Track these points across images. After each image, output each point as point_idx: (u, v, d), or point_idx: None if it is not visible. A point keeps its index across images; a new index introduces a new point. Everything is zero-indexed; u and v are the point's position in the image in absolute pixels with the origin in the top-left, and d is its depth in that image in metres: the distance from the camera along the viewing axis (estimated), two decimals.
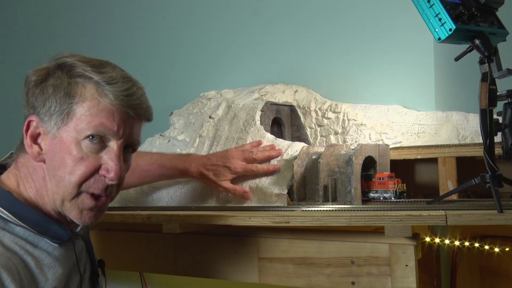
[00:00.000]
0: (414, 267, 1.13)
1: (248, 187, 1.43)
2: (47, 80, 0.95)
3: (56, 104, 0.93)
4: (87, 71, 0.94)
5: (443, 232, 1.35)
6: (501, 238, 1.38)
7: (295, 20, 1.85)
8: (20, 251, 0.92)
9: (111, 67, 0.97)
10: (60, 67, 0.96)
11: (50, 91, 0.94)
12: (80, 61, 0.96)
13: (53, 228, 0.97)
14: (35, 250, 0.94)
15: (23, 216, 0.94)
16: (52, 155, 0.94)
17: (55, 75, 0.95)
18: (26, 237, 0.94)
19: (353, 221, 1.11)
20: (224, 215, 1.24)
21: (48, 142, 0.95)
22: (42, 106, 0.94)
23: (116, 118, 0.94)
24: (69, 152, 0.93)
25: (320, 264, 1.24)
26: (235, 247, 1.34)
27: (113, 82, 0.94)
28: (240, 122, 1.57)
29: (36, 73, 0.96)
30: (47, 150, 0.95)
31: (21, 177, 0.99)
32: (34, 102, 0.95)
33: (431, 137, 1.50)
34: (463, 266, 1.46)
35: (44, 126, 0.94)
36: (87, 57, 0.98)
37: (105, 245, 1.55)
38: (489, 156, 1.09)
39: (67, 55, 0.97)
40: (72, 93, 0.93)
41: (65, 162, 0.94)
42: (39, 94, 0.95)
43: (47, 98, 0.94)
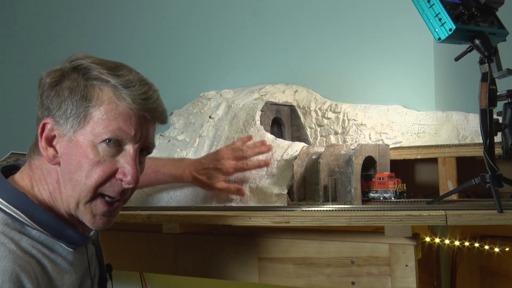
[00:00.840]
0: (414, 267, 1.13)
1: (248, 187, 1.43)
2: (62, 82, 0.94)
3: (73, 107, 0.92)
4: (103, 74, 0.93)
5: (443, 232, 1.35)
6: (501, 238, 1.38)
7: (295, 20, 1.85)
8: (37, 255, 0.91)
9: (127, 70, 0.96)
10: (76, 70, 0.94)
11: (66, 93, 0.93)
12: (96, 63, 0.95)
13: (68, 233, 0.96)
14: (51, 254, 0.94)
15: (39, 219, 0.93)
16: (68, 158, 0.94)
17: (70, 77, 0.94)
18: (42, 241, 0.93)
19: (353, 221, 1.12)
20: (224, 215, 1.24)
21: (64, 145, 0.94)
22: (57, 108, 0.93)
23: (133, 122, 0.94)
24: (86, 156, 0.93)
25: (320, 264, 1.24)
26: (235, 247, 1.34)
27: (130, 85, 0.93)
28: (240, 122, 1.57)
29: (50, 75, 0.95)
30: (62, 153, 0.94)
31: (35, 179, 0.98)
32: (49, 105, 0.94)
33: (431, 137, 1.50)
34: (463, 266, 1.46)
35: (60, 129, 0.93)
36: (102, 59, 0.97)
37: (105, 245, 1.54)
38: (489, 156, 1.09)
39: (81, 57, 0.96)
40: (89, 96, 0.92)
41: (82, 166, 0.93)
42: (54, 96, 0.93)
43: (62, 100, 0.93)
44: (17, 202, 0.93)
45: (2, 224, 0.90)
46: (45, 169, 0.97)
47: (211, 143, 1.59)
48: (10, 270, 0.85)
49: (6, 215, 0.91)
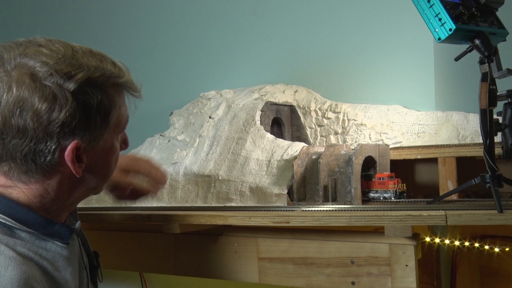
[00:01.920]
0: (414, 267, 1.13)
1: (248, 187, 1.43)
2: (71, 103, 0.87)
3: (96, 121, 0.91)
4: (110, 77, 0.92)
5: (443, 232, 1.35)
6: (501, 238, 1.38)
7: (295, 20, 1.85)
8: (35, 257, 0.89)
9: (105, 61, 0.94)
10: (85, 85, 0.89)
11: (90, 111, 0.89)
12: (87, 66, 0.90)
13: (56, 228, 0.95)
14: (47, 253, 0.92)
15: (25, 220, 0.91)
16: (96, 162, 0.95)
17: (86, 93, 0.89)
18: (34, 242, 0.91)
19: (353, 221, 1.12)
20: (224, 215, 1.24)
21: (90, 154, 0.93)
22: (81, 128, 0.89)
23: (126, 106, 0.99)
24: (113, 152, 0.98)
25: (320, 264, 1.24)
26: (235, 247, 1.34)
27: (125, 80, 0.95)
28: (240, 122, 1.57)
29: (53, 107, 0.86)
30: (89, 161, 0.93)
31: (11, 186, 0.92)
32: (73, 130, 0.88)
33: (431, 137, 1.50)
34: (463, 266, 1.46)
35: (85, 144, 0.91)
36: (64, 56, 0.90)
37: (105, 245, 1.55)
38: (489, 156, 1.09)
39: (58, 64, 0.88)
40: (110, 106, 0.93)
41: (110, 162, 0.99)
42: (76, 120, 0.88)
43: (87, 119, 0.89)
44: None
45: None
46: (36, 186, 0.92)
47: (211, 143, 1.59)
48: (17, 278, 0.82)
49: None
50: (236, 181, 1.46)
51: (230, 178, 1.47)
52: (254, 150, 1.49)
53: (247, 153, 1.50)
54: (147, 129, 1.85)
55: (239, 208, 1.37)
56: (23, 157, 0.88)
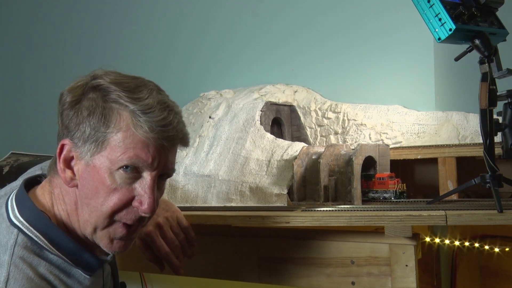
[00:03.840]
0: (414, 267, 1.13)
1: (248, 187, 1.43)
2: (81, 101, 0.91)
3: (91, 130, 0.89)
4: (121, 97, 0.89)
5: (443, 232, 1.35)
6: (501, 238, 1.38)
7: (295, 20, 1.85)
8: (54, 281, 0.90)
9: (147, 91, 0.92)
10: (95, 89, 0.91)
11: (85, 114, 0.90)
12: (115, 83, 0.91)
13: (85, 257, 0.95)
14: (68, 279, 0.93)
15: (57, 243, 0.92)
16: (85, 182, 0.91)
17: (89, 97, 0.91)
18: (59, 265, 0.92)
19: (353, 221, 1.11)
20: (224, 215, 1.24)
21: (81, 168, 0.91)
22: (76, 130, 0.90)
23: (151, 150, 0.90)
24: (103, 182, 0.90)
25: (320, 264, 1.24)
26: (235, 247, 1.34)
27: (149, 111, 0.89)
28: (240, 122, 1.57)
29: (71, 93, 0.92)
30: (80, 176, 0.92)
31: (55, 197, 0.96)
32: (68, 124, 0.91)
33: (431, 137, 1.50)
34: (463, 266, 1.46)
35: (78, 151, 0.91)
36: (123, 76, 0.94)
37: None
38: (489, 156, 1.09)
39: (101, 74, 0.92)
40: (107, 120, 0.89)
41: (98, 192, 0.90)
42: (73, 116, 0.91)
43: (81, 122, 0.90)
44: (37, 223, 0.91)
45: (22, 248, 0.89)
46: (64, 189, 0.95)
47: (211, 143, 1.59)
48: None
49: (26, 237, 0.90)
50: (236, 181, 1.46)
51: (230, 178, 1.47)
52: (254, 150, 1.49)
53: (247, 153, 1.50)
54: None
55: (239, 208, 1.37)
56: None
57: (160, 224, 1.15)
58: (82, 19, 2.39)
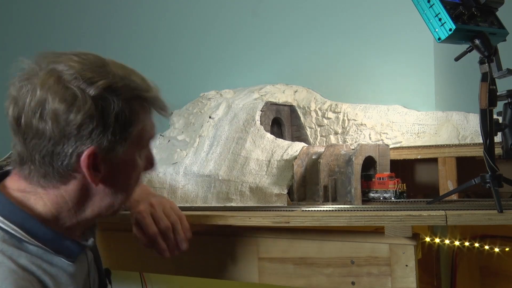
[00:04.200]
0: (414, 267, 1.13)
1: (248, 187, 1.43)
2: (93, 109, 0.89)
3: (117, 131, 0.91)
4: (134, 90, 0.93)
5: (443, 232, 1.35)
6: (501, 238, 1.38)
7: (295, 20, 1.85)
8: (37, 271, 0.90)
9: (134, 74, 0.96)
10: (107, 91, 0.90)
11: (110, 120, 0.90)
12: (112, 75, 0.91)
13: (66, 244, 0.95)
14: (51, 268, 0.92)
15: (36, 233, 0.92)
16: (117, 175, 0.95)
17: (106, 101, 0.90)
18: (41, 255, 0.92)
19: (353, 221, 1.12)
20: (224, 215, 1.24)
21: (108, 164, 0.93)
22: (100, 135, 0.90)
23: (154, 123, 1.00)
24: (134, 167, 0.98)
25: (320, 264, 1.24)
26: (235, 247, 1.34)
27: (152, 95, 0.97)
28: (240, 122, 1.57)
29: (73, 110, 0.88)
30: (109, 172, 0.94)
31: (30, 190, 0.94)
32: (90, 135, 0.89)
33: (431, 137, 1.50)
34: (463, 266, 1.46)
35: (103, 152, 0.91)
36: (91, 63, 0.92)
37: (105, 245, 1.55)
38: (489, 156, 1.09)
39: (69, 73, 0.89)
40: (131, 118, 0.93)
41: (130, 176, 0.98)
42: (89, 124, 0.89)
43: (106, 127, 0.90)
44: (12, 216, 0.91)
45: (0, 242, 0.88)
46: (54, 192, 0.94)
47: (211, 143, 1.59)
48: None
49: (3, 231, 0.89)
50: (236, 181, 1.46)
51: (230, 178, 1.47)
52: (254, 150, 1.49)
53: (247, 153, 1.50)
54: None
55: (239, 208, 1.37)
56: (41, 159, 0.90)
57: (152, 204, 1.18)
58: (82, 19, 2.39)
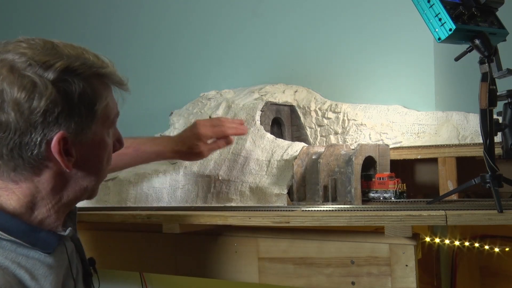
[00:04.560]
0: (414, 267, 1.13)
1: (248, 187, 1.43)
2: (62, 95, 0.88)
3: (83, 111, 0.90)
4: (92, 67, 0.91)
5: (443, 232, 1.35)
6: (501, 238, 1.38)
7: (295, 20, 1.85)
8: (12, 266, 0.87)
9: (85, 52, 0.94)
10: (65, 73, 0.88)
11: (74, 101, 0.89)
12: (67, 55, 0.90)
13: (41, 236, 0.93)
14: (28, 261, 0.90)
15: (8, 228, 0.89)
16: (86, 155, 0.94)
17: (66, 83, 0.88)
18: (15, 249, 0.89)
19: (353, 221, 1.12)
20: (224, 215, 1.24)
21: (78, 148, 0.92)
22: (66, 118, 0.88)
23: (116, 101, 0.98)
24: (104, 147, 0.97)
25: (320, 264, 1.24)
26: (235, 247, 1.34)
27: (109, 71, 0.94)
28: None
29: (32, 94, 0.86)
30: (81, 154, 0.92)
31: (1, 188, 0.92)
32: (57, 119, 0.88)
33: (431, 137, 1.50)
34: (463, 266, 1.46)
35: (72, 136, 0.90)
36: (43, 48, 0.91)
37: (105, 245, 1.55)
38: (489, 156, 1.09)
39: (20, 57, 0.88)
40: (95, 97, 0.91)
41: (102, 156, 0.97)
42: (54, 109, 0.87)
43: (71, 109, 0.88)
44: None
45: None
46: (27, 185, 0.92)
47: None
48: None
49: None
50: (236, 181, 1.46)
51: (230, 178, 1.47)
52: (254, 150, 1.49)
53: (247, 153, 1.50)
54: (147, 129, 1.85)
55: (239, 208, 1.37)
56: (9, 152, 0.87)
57: None
58: (82, 19, 2.40)
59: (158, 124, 1.90)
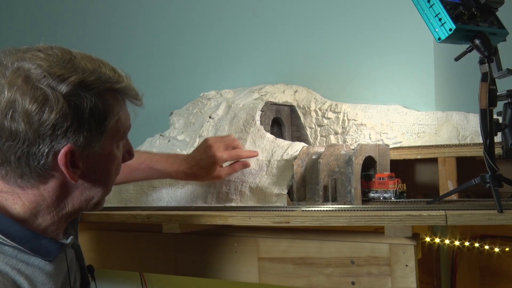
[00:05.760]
0: (414, 267, 1.13)
1: (248, 187, 1.43)
2: (65, 106, 0.87)
3: (92, 126, 0.90)
4: (105, 81, 0.91)
5: (443, 232, 1.35)
6: (501, 238, 1.38)
7: (295, 20, 1.85)
8: (11, 272, 0.88)
9: (102, 65, 0.94)
10: (78, 87, 0.88)
11: (85, 116, 0.89)
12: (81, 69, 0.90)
13: (43, 243, 0.93)
14: (27, 268, 0.91)
15: (11, 233, 0.90)
16: (96, 169, 0.95)
17: (78, 97, 0.88)
18: (16, 255, 0.90)
19: (353, 221, 1.12)
20: (224, 215, 1.24)
21: (86, 160, 0.92)
22: (75, 132, 0.89)
23: (129, 114, 0.99)
24: (113, 160, 0.97)
25: (320, 264, 1.24)
26: (235, 247, 1.34)
27: (123, 86, 0.94)
28: (240, 122, 1.57)
29: (43, 108, 0.86)
30: (88, 167, 0.93)
31: (6, 193, 0.93)
32: (65, 132, 0.88)
33: (431, 137, 1.50)
34: (463, 266, 1.46)
35: (80, 149, 0.91)
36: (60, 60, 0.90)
37: (105, 245, 1.55)
38: (489, 156, 1.09)
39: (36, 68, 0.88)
40: (106, 112, 0.91)
41: (110, 169, 0.97)
42: (63, 122, 0.88)
43: (81, 123, 0.89)
44: None
45: None
46: (32, 191, 0.93)
47: None
48: None
49: None
50: (236, 181, 1.46)
51: (230, 178, 1.47)
52: (254, 149, 1.49)
53: None
54: (147, 129, 1.85)
55: (239, 208, 1.37)
56: (17, 160, 0.88)
57: None
58: (82, 19, 2.39)
59: (158, 124, 1.90)
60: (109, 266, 1.56)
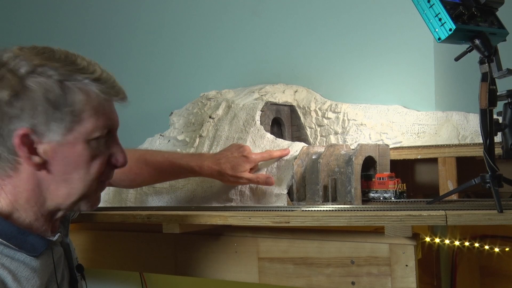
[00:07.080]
0: (414, 267, 1.13)
1: (248, 187, 1.43)
2: (25, 90, 0.89)
3: (53, 112, 0.90)
4: (69, 70, 0.91)
5: (443, 232, 1.35)
6: (501, 238, 1.38)
7: (295, 20, 1.85)
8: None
9: (79, 58, 0.94)
10: (34, 73, 0.89)
11: (41, 101, 0.89)
12: (47, 59, 0.91)
13: (29, 239, 0.94)
14: (12, 262, 0.91)
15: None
16: (60, 161, 0.93)
17: (33, 81, 0.89)
18: (2, 250, 0.91)
19: (353, 221, 1.11)
20: (224, 215, 1.24)
21: (50, 149, 0.92)
22: (32, 116, 0.89)
23: (112, 110, 0.98)
24: (82, 154, 0.94)
25: (320, 264, 1.24)
26: (235, 247, 1.34)
27: (99, 78, 0.94)
28: (240, 122, 1.57)
29: (4, 86, 0.88)
30: (51, 157, 0.92)
31: None
32: (19, 114, 0.89)
33: (431, 137, 1.50)
34: (463, 266, 1.46)
35: (41, 136, 0.91)
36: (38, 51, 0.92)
37: (105, 245, 1.55)
38: (489, 156, 1.09)
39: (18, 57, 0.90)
40: (70, 99, 0.91)
41: (79, 164, 0.95)
42: (24, 105, 0.89)
43: (35, 108, 0.89)
44: None
45: None
46: (10, 182, 0.94)
47: (211, 143, 1.59)
48: None
49: None
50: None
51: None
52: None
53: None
54: (147, 129, 1.85)
55: (239, 208, 1.37)
56: None
57: None
58: (83, 19, 2.39)
59: (158, 124, 1.90)
60: (109, 266, 1.56)
